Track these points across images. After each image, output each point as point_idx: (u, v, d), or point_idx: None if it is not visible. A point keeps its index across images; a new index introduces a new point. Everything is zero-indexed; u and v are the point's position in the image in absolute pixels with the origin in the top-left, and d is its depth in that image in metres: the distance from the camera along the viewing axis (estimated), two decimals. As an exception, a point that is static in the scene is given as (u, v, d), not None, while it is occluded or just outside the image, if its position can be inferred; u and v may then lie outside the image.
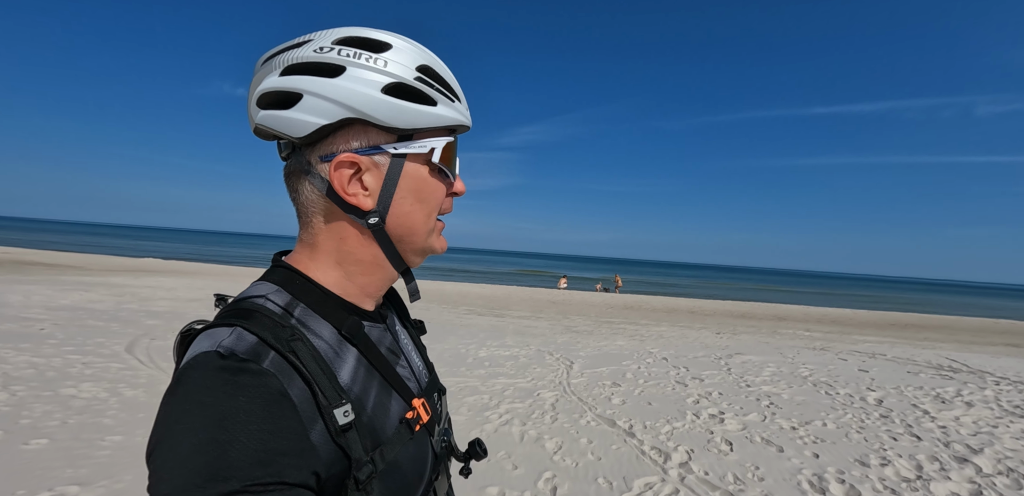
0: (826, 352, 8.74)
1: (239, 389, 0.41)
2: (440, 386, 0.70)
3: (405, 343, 0.66)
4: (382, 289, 0.60)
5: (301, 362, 0.46)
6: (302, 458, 0.43)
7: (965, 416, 4.88)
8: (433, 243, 0.60)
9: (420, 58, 0.54)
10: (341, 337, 0.53)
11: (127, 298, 9.81)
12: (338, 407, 0.46)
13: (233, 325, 0.46)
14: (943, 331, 14.14)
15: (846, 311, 19.78)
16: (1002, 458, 3.76)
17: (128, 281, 13.05)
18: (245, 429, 0.40)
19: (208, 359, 0.43)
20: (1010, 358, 9.27)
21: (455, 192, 0.61)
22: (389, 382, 0.57)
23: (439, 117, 0.53)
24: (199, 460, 0.38)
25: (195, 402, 0.41)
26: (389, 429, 0.53)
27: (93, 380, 4.42)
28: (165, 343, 6.05)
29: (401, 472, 0.53)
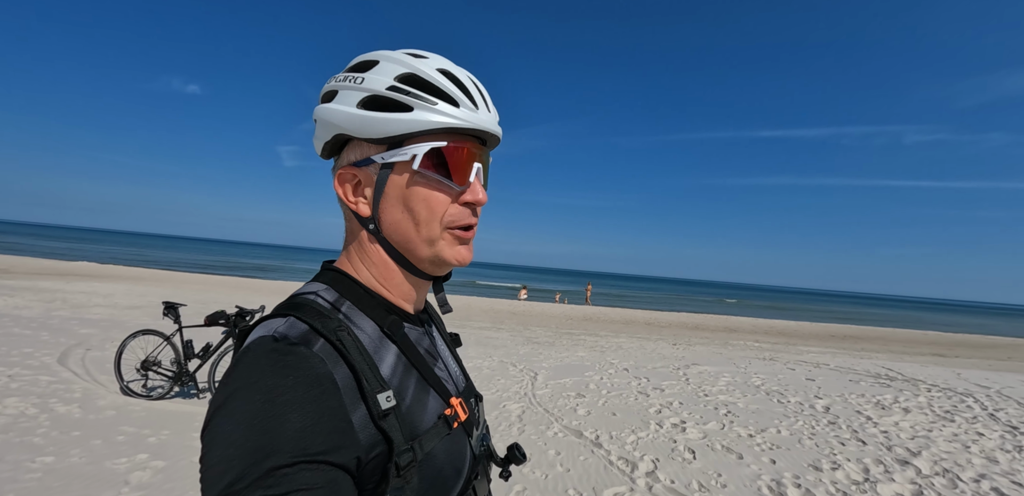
0: (775, 362, 9.15)
1: (288, 369, 0.45)
2: (477, 393, 0.72)
3: (442, 349, 0.69)
4: (411, 293, 0.63)
5: (347, 350, 0.50)
6: (344, 439, 0.45)
7: (903, 421, 5.21)
8: (442, 252, 0.58)
9: (405, 68, 0.56)
10: (382, 333, 0.57)
11: (57, 304, 9.04)
12: (381, 392, 0.50)
13: (287, 315, 0.52)
14: (878, 342, 15.12)
15: (791, 323, 20.83)
16: (938, 460, 4.03)
17: (59, 286, 12.04)
18: (292, 407, 0.43)
19: (263, 342, 0.48)
20: (937, 367, 10.01)
21: (467, 201, 0.58)
22: (427, 380, 0.59)
23: (414, 122, 0.54)
24: (248, 434, 0.41)
25: (247, 380, 0.44)
26: (427, 423, 0.55)
27: (19, 395, 4.02)
28: (102, 354, 5.60)
29: (438, 465, 0.54)
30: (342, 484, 0.43)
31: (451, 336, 0.78)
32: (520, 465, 0.71)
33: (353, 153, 0.58)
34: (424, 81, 0.55)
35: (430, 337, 0.66)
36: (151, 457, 3.10)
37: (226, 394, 0.44)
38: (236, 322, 4.21)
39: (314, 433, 0.42)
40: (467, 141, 0.58)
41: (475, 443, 0.64)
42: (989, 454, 4.26)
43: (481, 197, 0.58)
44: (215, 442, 0.42)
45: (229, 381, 0.45)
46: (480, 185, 0.59)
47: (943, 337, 18.63)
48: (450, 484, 0.56)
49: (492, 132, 0.59)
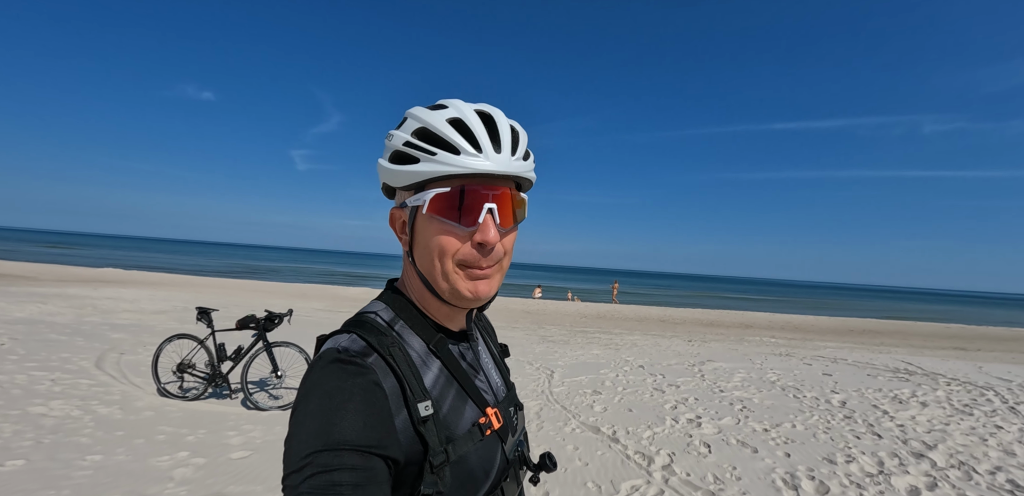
0: (791, 358, 9.14)
1: (347, 376, 0.57)
2: (517, 402, 0.80)
3: (486, 361, 0.78)
4: (449, 316, 0.72)
5: (396, 363, 0.60)
6: (387, 437, 0.56)
7: (920, 415, 5.22)
8: (456, 286, 0.64)
9: (419, 124, 0.64)
10: (429, 350, 0.67)
11: (88, 310, 9.38)
12: (421, 402, 0.60)
13: (351, 331, 0.63)
14: (897, 336, 14.93)
15: (808, 318, 20.62)
16: (954, 453, 4.06)
17: (87, 292, 12.46)
18: (349, 406, 0.54)
19: (329, 354, 0.59)
20: (959, 361, 9.90)
21: (477, 241, 0.62)
22: (466, 391, 0.68)
23: (417, 173, 0.62)
24: (314, 423, 0.53)
25: (317, 383, 0.57)
26: (461, 429, 0.64)
27: (63, 397, 4.25)
28: (135, 358, 5.85)
29: (469, 466, 0.63)
30: (380, 471, 0.53)
31: (501, 347, 0.88)
32: (550, 473, 0.81)
33: (399, 196, 0.69)
34: (432, 134, 0.62)
35: (474, 351, 0.76)
36: (191, 454, 3.29)
37: (303, 392, 0.57)
38: (266, 325, 4.40)
39: (364, 429, 0.54)
40: (476, 184, 0.62)
41: (509, 448, 0.72)
42: (1007, 447, 4.28)
43: (490, 237, 0.61)
44: (293, 428, 0.54)
45: (306, 382, 0.58)
46: (492, 225, 0.62)
47: (965, 330, 18.31)
48: (479, 484, 0.65)
49: (491, 172, 0.61)
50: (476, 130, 0.62)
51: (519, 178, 0.66)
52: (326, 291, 19.23)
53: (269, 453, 3.41)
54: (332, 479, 0.50)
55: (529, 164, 0.67)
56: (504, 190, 0.64)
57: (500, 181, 0.64)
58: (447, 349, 0.69)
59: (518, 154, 0.65)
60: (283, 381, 4.71)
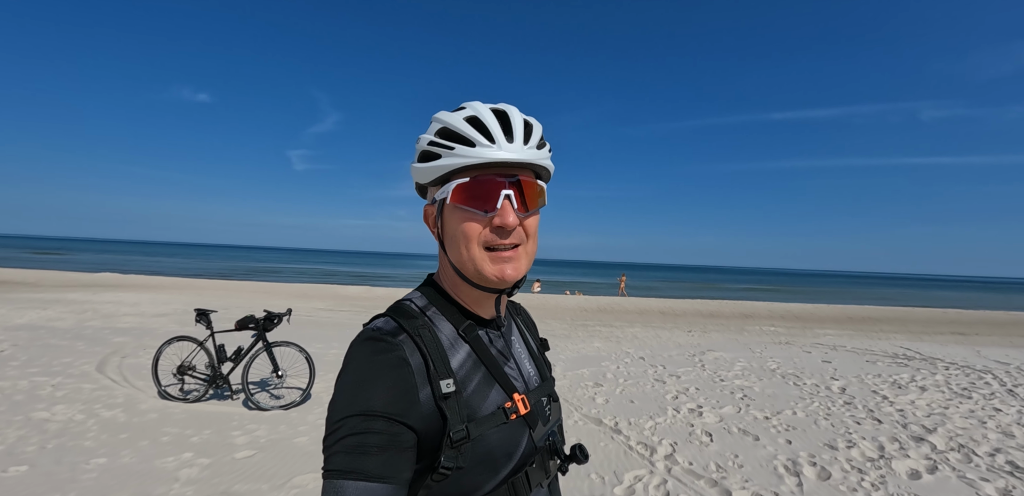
0: (791, 346, 9.19)
1: (377, 351, 0.65)
2: (552, 394, 0.84)
3: (518, 350, 0.82)
4: (479, 302, 0.77)
5: (424, 343, 0.67)
6: (411, 408, 0.62)
7: (920, 399, 5.26)
8: (482, 270, 0.69)
9: (441, 124, 0.71)
10: (458, 334, 0.73)
11: (89, 315, 9.39)
12: (444, 379, 0.66)
13: (387, 315, 0.72)
14: (896, 323, 14.98)
15: (808, 306, 20.67)
16: (954, 436, 4.10)
17: (87, 297, 12.46)
18: (378, 378, 0.62)
19: (365, 333, 0.68)
20: (957, 346, 9.95)
21: (497, 225, 0.68)
22: (493, 375, 0.73)
23: (439, 168, 0.70)
24: (348, 392, 0.61)
25: (351, 358, 0.65)
26: (485, 410, 0.69)
27: (66, 402, 4.26)
28: (137, 361, 5.86)
29: (489, 446, 0.67)
30: (404, 437, 0.60)
31: (541, 341, 0.93)
32: (581, 465, 0.82)
33: (429, 194, 0.77)
34: (452, 131, 0.70)
35: (505, 340, 0.80)
36: (196, 455, 3.31)
37: (343, 366, 0.65)
38: (265, 325, 4.40)
39: (390, 399, 0.61)
40: (492, 173, 0.69)
41: (537, 436, 0.75)
42: (1005, 429, 4.31)
43: (509, 221, 0.67)
44: (333, 397, 0.63)
45: (346, 357, 0.66)
46: (511, 209, 0.68)
47: (963, 315, 18.37)
48: (499, 465, 0.69)
49: (504, 161, 0.67)
50: (490, 125, 0.69)
51: (535, 165, 0.72)
52: (327, 290, 19.23)
53: (274, 452, 3.43)
54: (361, 441, 0.57)
55: (543, 153, 0.72)
56: (521, 177, 0.70)
57: (516, 169, 0.70)
58: (476, 334, 0.74)
59: (531, 143, 0.70)
60: (284, 381, 4.73)
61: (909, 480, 3.25)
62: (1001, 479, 3.27)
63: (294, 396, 4.56)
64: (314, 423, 4.02)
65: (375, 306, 14.25)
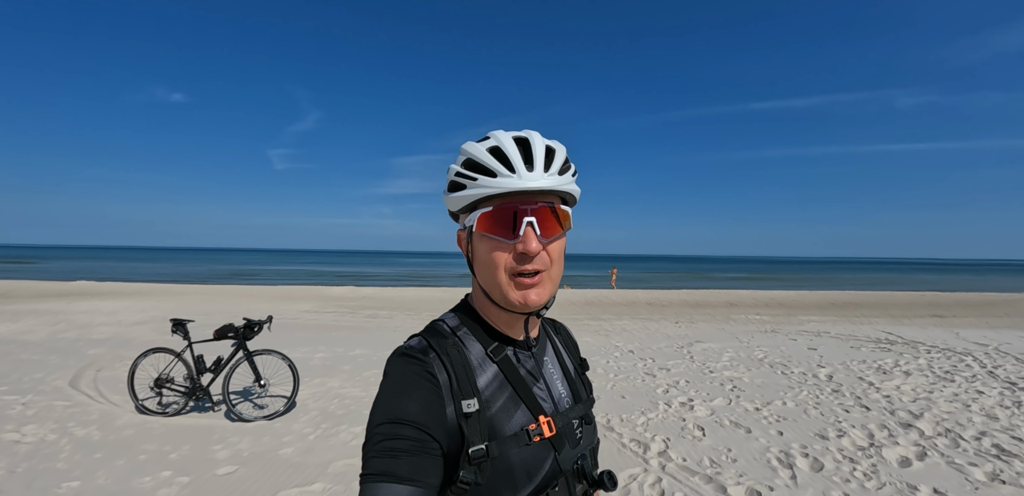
0: (777, 334, 9.29)
1: (409, 367, 0.71)
2: (587, 417, 0.83)
3: (550, 372, 0.83)
4: (509, 323, 0.80)
5: (451, 362, 0.72)
6: (437, 421, 0.67)
7: (905, 384, 5.34)
8: (507, 295, 0.72)
9: (466, 156, 0.75)
10: (486, 354, 0.77)
11: (62, 326, 9.07)
12: (466, 399, 0.70)
13: (420, 335, 0.78)
14: (877, 307, 15.29)
15: (791, 293, 21.00)
16: (940, 420, 4.15)
17: (61, 307, 12.05)
18: (409, 390, 0.68)
19: (398, 351, 0.74)
20: (936, 328, 10.18)
21: (520, 251, 0.70)
22: (520, 396, 0.75)
23: (464, 197, 0.74)
24: (382, 402, 0.68)
25: (387, 372, 0.72)
26: (508, 430, 0.71)
27: (37, 421, 4.08)
28: (113, 373, 5.65)
29: (510, 466, 0.69)
30: (431, 444, 0.65)
31: (580, 361, 0.93)
32: (608, 492, 0.81)
33: (461, 220, 0.81)
34: (476, 163, 0.73)
35: (536, 361, 0.82)
36: (175, 473, 3.17)
37: (382, 378, 0.72)
38: (245, 334, 4.26)
39: (420, 410, 0.66)
40: (515, 201, 0.71)
41: (563, 458, 0.75)
42: (989, 411, 4.39)
43: (531, 248, 0.69)
44: (373, 406, 0.69)
45: (384, 371, 0.73)
46: (533, 236, 0.69)
47: (941, 297, 18.86)
48: (519, 484, 0.70)
49: (523, 189, 0.70)
50: (511, 154, 0.72)
51: (557, 192, 0.74)
52: (311, 292, 18.93)
53: (257, 466, 3.31)
54: (392, 445, 0.62)
55: (565, 178, 0.74)
56: (543, 204, 0.72)
57: (539, 196, 0.73)
58: (505, 355, 0.78)
59: (552, 170, 0.72)
60: (267, 390, 4.59)
61: (900, 468, 3.27)
62: (989, 463, 3.32)
63: (278, 405, 4.43)
64: (300, 433, 3.91)
65: (361, 306, 14.06)
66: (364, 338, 8.47)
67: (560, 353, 0.89)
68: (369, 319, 11.40)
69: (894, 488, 2.98)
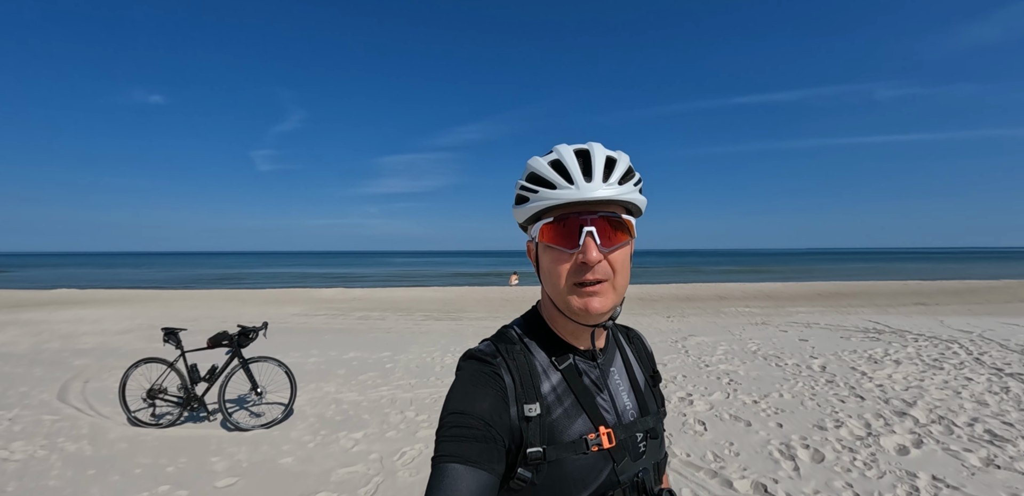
0: (767, 326, 9.41)
1: (478, 367, 0.76)
2: (653, 430, 0.83)
3: (616, 383, 0.84)
4: (575, 333, 0.81)
5: (516, 366, 0.76)
6: (501, 420, 0.71)
7: (896, 373, 5.44)
8: (570, 304, 0.74)
9: (530, 170, 0.77)
10: (550, 362, 0.79)
11: (45, 337, 8.84)
12: (529, 403, 0.73)
13: (489, 339, 0.83)
14: (862, 297, 15.58)
15: (778, 285, 21.33)
16: (933, 408, 4.23)
17: (43, 316, 11.74)
18: (478, 388, 0.73)
19: (468, 354, 0.80)
20: (921, 316, 10.40)
21: (580, 262, 0.71)
22: (581, 405, 0.77)
23: (527, 209, 0.77)
24: (456, 396, 0.72)
25: (460, 370, 0.77)
26: (567, 437, 0.73)
27: (24, 437, 3.96)
28: (102, 385, 5.52)
29: (564, 472, 0.71)
30: (496, 437, 0.68)
31: (651, 374, 0.92)
32: None
33: (529, 232, 0.83)
34: (538, 176, 0.76)
35: (601, 371, 0.83)
36: (173, 487, 3.10)
37: (455, 377, 0.76)
38: (240, 341, 4.18)
39: (488, 406, 0.70)
40: (575, 212, 0.73)
41: (622, 471, 0.75)
42: (979, 398, 4.49)
43: (591, 257, 0.70)
44: (446, 398, 0.73)
45: (456, 371, 0.77)
46: (593, 246, 0.70)
47: (923, 286, 19.28)
48: (573, 492, 0.72)
49: (581, 200, 0.71)
50: (570, 166, 0.74)
51: (619, 201, 0.74)
52: (300, 294, 18.72)
53: (258, 477, 3.25)
54: (462, 432, 0.67)
55: (626, 188, 0.74)
56: (603, 214, 0.73)
57: (600, 206, 0.74)
58: (570, 364, 0.80)
59: (612, 180, 0.73)
60: (264, 397, 4.51)
61: (898, 456, 3.32)
62: (983, 448, 3.39)
63: (275, 413, 4.36)
64: (298, 441, 3.85)
65: (352, 308, 13.94)
66: (357, 340, 8.39)
67: (630, 364, 0.89)
68: (361, 321, 11.31)
69: (894, 476, 3.03)
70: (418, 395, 5.04)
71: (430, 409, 4.58)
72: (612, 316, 0.78)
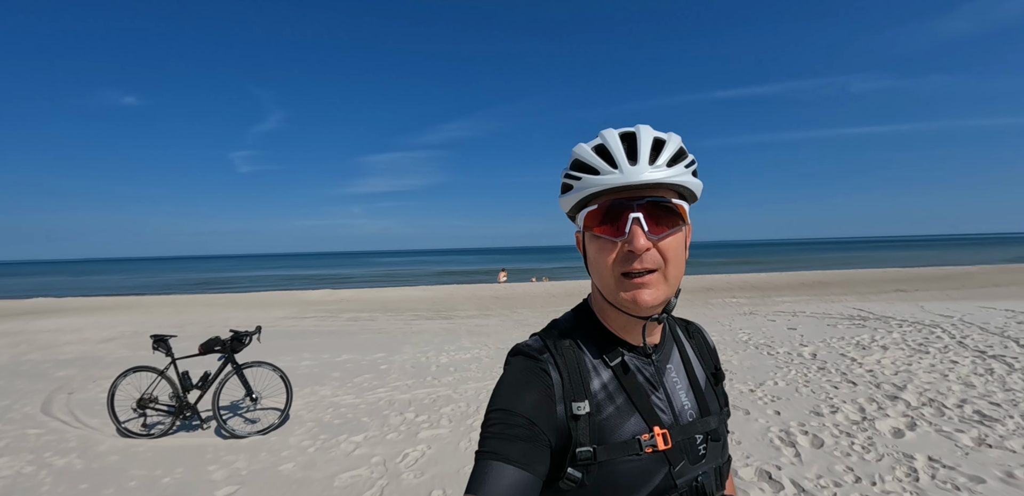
0: (755, 316, 9.56)
1: (525, 363, 0.73)
2: (714, 432, 0.77)
3: (673, 381, 0.78)
4: (626, 327, 0.76)
5: (565, 363, 0.73)
6: (547, 418, 0.68)
7: (884, 358, 5.56)
8: (618, 295, 0.69)
9: (575, 157, 0.74)
10: (602, 358, 0.75)
11: (24, 348, 8.56)
12: (577, 401, 0.69)
13: (538, 334, 0.79)
14: (844, 285, 15.92)
15: (763, 276, 21.68)
16: (923, 391, 4.34)
17: (19, 327, 11.37)
18: (525, 385, 0.70)
19: (516, 349, 0.77)
20: (902, 303, 10.66)
21: (627, 250, 0.67)
22: (634, 404, 0.72)
23: (571, 198, 0.73)
24: (504, 392, 0.70)
25: (508, 365, 0.75)
26: (618, 437, 0.69)
27: (9, 453, 3.82)
28: (87, 395, 5.36)
29: (615, 474, 0.67)
30: (540, 436, 0.65)
31: (712, 371, 0.85)
32: None
33: (576, 221, 0.78)
34: (582, 162, 0.72)
35: (657, 368, 0.77)
36: (171, 497, 3.03)
37: (503, 371, 0.74)
38: (233, 347, 4.08)
39: (534, 404, 0.67)
40: (620, 198, 0.69)
41: (680, 475, 0.70)
42: (965, 379, 4.61)
43: (638, 245, 0.65)
44: (493, 392, 0.71)
45: (504, 366, 0.76)
46: (640, 233, 0.66)
47: (902, 273, 19.78)
48: (624, 495, 0.68)
49: (626, 185, 0.67)
50: (613, 150, 0.69)
51: (669, 185, 0.69)
52: (287, 297, 18.45)
53: (259, 485, 3.18)
54: (506, 430, 0.65)
55: (675, 170, 0.69)
56: (651, 199, 0.68)
57: (647, 191, 0.69)
58: (621, 360, 0.75)
59: (659, 163, 0.68)
60: (259, 403, 4.43)
61: (894, 439, 3.40)
62: (974, 429, 3.48)
63: (272, 418, 4.28)
64: (298, 446, 3.79)
65: (341, 309, 13.78)
66: (349, 342, 8.29)
67: (689, 361, 0.83)
68: (351, 322, 11.19)
69: (892, 458, 3.10)
70: (416, 396, 5.00)
71: (429, 410, 4.55)
72: (666, 309, 0.73)
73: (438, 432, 3.97)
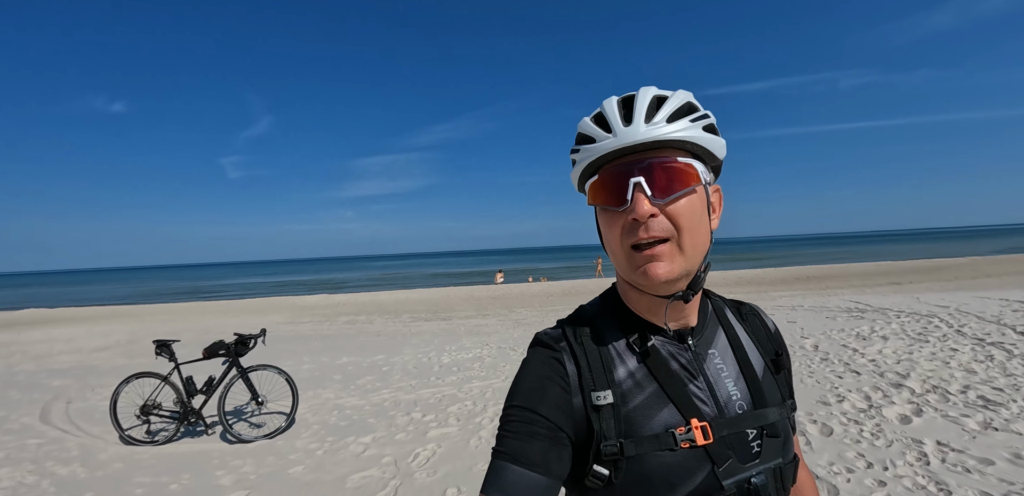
0: (755, 310, 9.60)
1: (541, 354, 0.69)
2: (770, 427, 0.66)
3: (717, 367, 0.68)
4: (651, 308, 0.68)
5: (585, 351, 0.67)
6: (562, 413, 0.62)
7: (886, 348, 5.60)
8: (629, 271, 0.63)
9: (580, 130, 0.68)
10: (628, 344, 0.68)
11: (17, 358, 8.43)
12: (598, 390, 0.63)
13: (561, 321, 0.74)
14: (839, 279, 16.08)
15: (758, 271, 21.83)
16: (926, 378, 4.37)
17: (11, 337, 11.21)
18: (543, 379, 0.65)
19: (536, 338, 0.72)
20: (897, 295, 10.77)
21: (631, 219, 0.60)
22: (667, 393, 0.64)
23: (576, 173, 0.69)
24: (522, 386, 0.65)
25: (527, 357, 0.70)
26: (649, 430, 0.61)
27: (10, 464, 3.75)
28: (86, 404, 5.28)
29: (646, 470, 0.60)
30: (558, 434, 0.61)
31: (772, 357, 0.74)
32: None
33: None
34: (582, 134, 0.67)
35: (695, 354, 0.68)
36: (180, 503, 2.98)
37: (523, 362, 0.70)
38: (238, 350, 4.04)
39: (551, 402, 0.63)
40: (618, 163, 0.62)
41: (726, 474, 0.60)
42: (967, 366, 4.65)
43: (640, 211, 0.58)
44: (512, 384, 0.67)
45: (525, 356, 0.71)
46: (643, 198, 0.59)
47: (895, 266, 20.00)
48: (657, 493, 0.59)
49: (620, 147, 0.60)
50: (609, 115, 0.63)
51: (672, 142, 0.60)
52: (283, 302, 18.33)
53: (269, 489, 3.14)
54: (521, 428, 0.61)
55: (676, 126, 0.60)
56: (654, 161, 0.60)
57: (649, 153, 0.62)
58: (650, 345, 0.67)
59: (657, 119, 0.60)
60: (264, 407, 4.38)
61: (901, 425, 3.42)
62: (979, 413, 3.51)
63: (278, 422, 4.23)
64: (305, 449, 3.75)
65: (337, 313, 13.72)
66: (348, 345, 8.25)
67: (741, 345, 0.72)
68: (348, 325, 11.14)
69: (902, 444, 3.12)
70: (421, 396, 4.97)
71: (436, 409, 4.52)
72: (693, 285, 0.63)
73: (447, 431, 3.95)
